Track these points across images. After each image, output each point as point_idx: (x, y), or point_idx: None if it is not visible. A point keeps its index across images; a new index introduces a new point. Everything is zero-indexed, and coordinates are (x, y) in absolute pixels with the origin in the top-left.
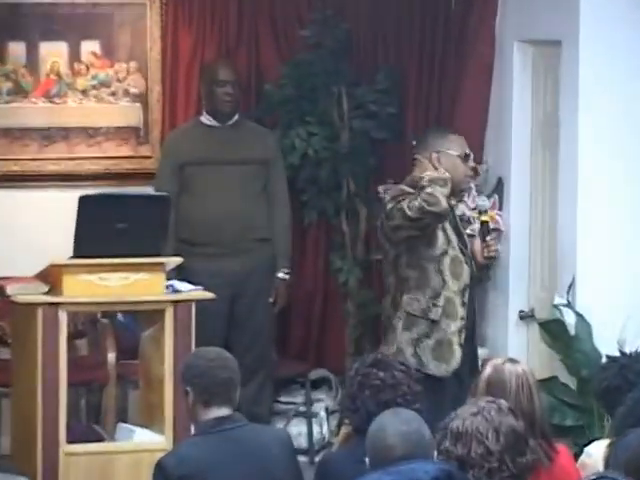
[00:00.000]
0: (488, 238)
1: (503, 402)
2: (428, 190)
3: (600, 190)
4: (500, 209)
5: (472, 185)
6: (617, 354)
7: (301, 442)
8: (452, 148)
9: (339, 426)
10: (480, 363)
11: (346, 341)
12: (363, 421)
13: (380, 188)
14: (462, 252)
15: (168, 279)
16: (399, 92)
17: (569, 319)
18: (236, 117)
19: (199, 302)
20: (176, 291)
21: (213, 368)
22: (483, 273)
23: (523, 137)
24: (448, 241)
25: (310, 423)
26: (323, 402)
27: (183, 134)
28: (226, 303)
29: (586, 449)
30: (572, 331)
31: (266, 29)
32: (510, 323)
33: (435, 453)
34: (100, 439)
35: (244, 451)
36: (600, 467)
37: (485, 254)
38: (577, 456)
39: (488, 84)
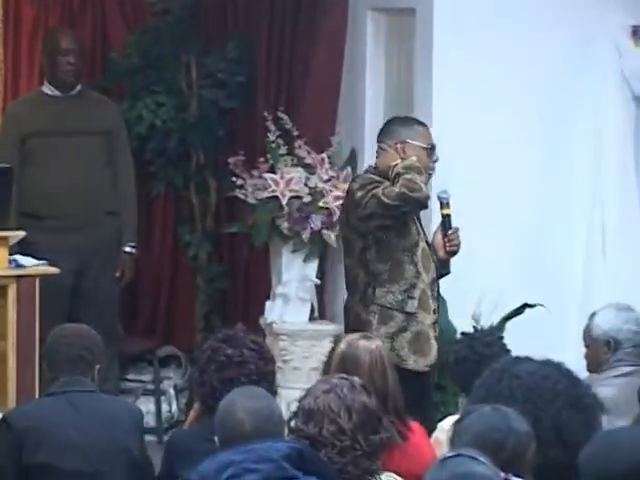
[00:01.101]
0: (449, 232)
1: (356, 379)
2: (407, 177)
3: (456, 161)
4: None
5: (325, 156)
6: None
7: (149, 421)
8: (418, 139)
9: (188, 404)
10: (334, 339)
11: (195, 317)
12: (208, 396)
13: (231, 160)
14: (427, 244)
15: (11, 254)
16: (249, 61)
17: None
18: (79, 87)
19: (43, 277)
20: (19, 266)
21: (62, 345)
22: (444, 267)
23: (376, 107)
24: (418, 232)
25: (158, 401)
26: (172, 380)
27: (24, 105)
28: (71, 278)
29: (440, 424)
30: None
31: None
32: None
33: (286, 431)
34: None
35: (91, 413)
36: None
37: (447, 249)
38: (432, 433)
39: (340, 53)
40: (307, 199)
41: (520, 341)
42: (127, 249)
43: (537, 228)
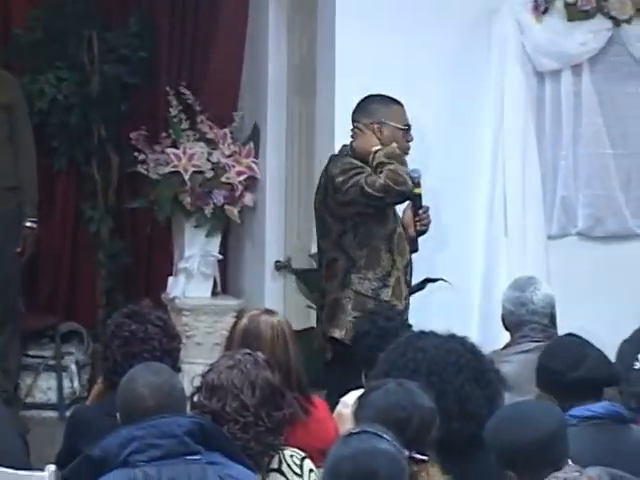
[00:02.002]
0: (420, 211)
1: (260, 355)
2: (391, 167)
3: None
4: (256, 157)
5: (227, 131)
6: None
7: (51, 397)
8: (394, 119)
9: (90, 380)
10: (236, 315)
11: (97, 293)
12: (111, 371)
13: (133, 135)
14: (402, 227)
15: None
16: (151, 36)
17: None
18: None
19: None
20: None
21: None
22: (411, 245)
23: (279, 83)
24: (396, 218)
25: (60, 377)
26: (73, 356)
27: None
28: None
29: (342, 399)
30: None
31: None
32: (266, 273)
33: (189, 406)
34: None
35: None
36: None
37: (417, 227)
38: (334, 408)
39: (243, 28)
40: (209, 174)
41: (423, 316)
42: (28, 224)
43: (440, 202)
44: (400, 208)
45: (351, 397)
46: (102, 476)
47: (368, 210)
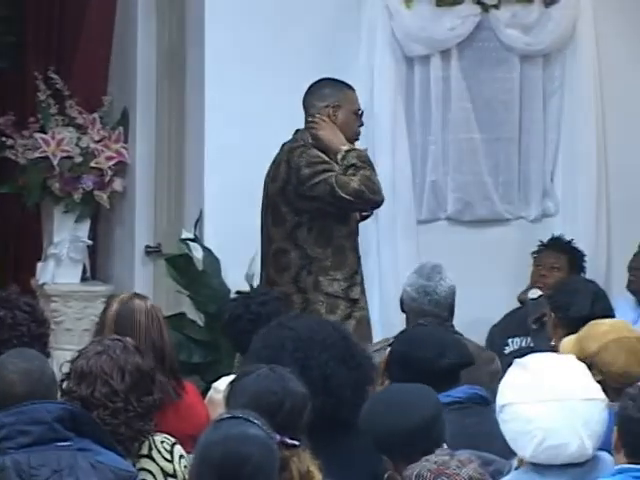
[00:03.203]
0: None
1: (129, 340)
2: (367, 173)
3: (233, 121)
4: (125, 141)
5: (96, 116)
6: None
7: None
8: (348, 103)
9: None
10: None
11: None
12: None
13: (0, 120)
14: None
15: None
16: (19, 20)
17: (197, 254)
18: None
19: None
20: None
21: None
22: None
23: (148, 66)
24: (354, 215)
25: None
26: None
27: None
28: None
29: (214, 385)
30: (200, 266)
31: None
32: (136, 258)
33: (59, 393)
34: None
35: None
36: None
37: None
38: (205, 393)
39: (112, 11)
40: (79, 159)
41: None
42: None
43: None
44: None
45: (222, 383)
46: None
47: (330, 209)
